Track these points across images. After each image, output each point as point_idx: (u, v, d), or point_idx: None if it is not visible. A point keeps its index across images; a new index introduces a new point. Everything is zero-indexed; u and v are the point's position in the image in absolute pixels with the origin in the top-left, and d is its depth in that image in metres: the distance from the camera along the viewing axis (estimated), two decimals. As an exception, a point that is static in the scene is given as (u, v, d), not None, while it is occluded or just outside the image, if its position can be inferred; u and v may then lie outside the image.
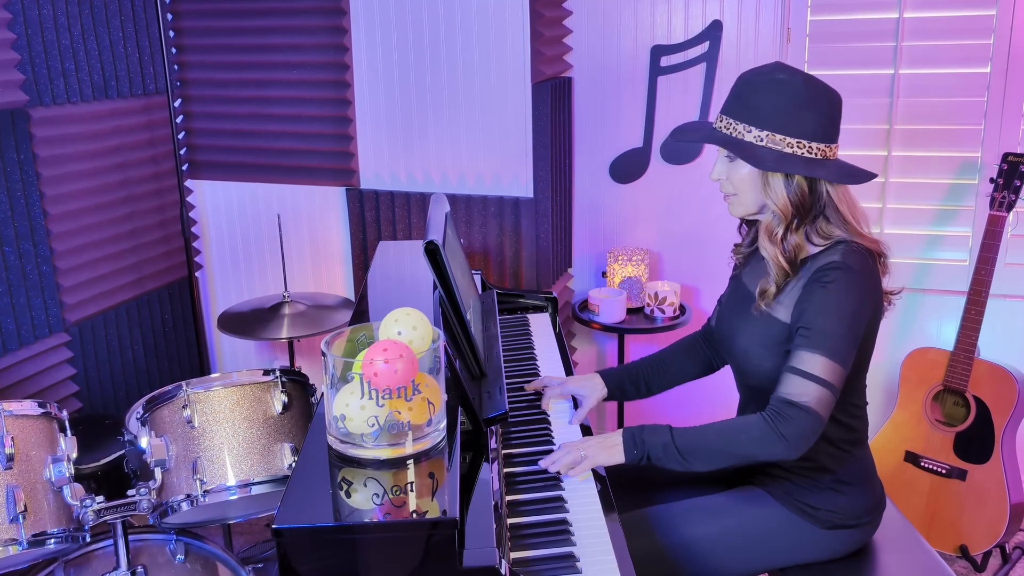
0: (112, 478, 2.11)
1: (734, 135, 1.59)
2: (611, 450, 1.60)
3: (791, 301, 1.60)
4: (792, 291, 1.61)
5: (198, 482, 1.82)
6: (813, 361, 1.52)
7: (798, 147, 1.55)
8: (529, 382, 2.02)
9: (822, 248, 1.61)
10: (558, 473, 1.62)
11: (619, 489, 1.71)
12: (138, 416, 1.92)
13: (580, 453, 1.60)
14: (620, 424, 3.06)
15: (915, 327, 2.92)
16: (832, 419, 1.62)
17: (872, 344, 1.65)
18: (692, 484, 1.89)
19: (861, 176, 1.59)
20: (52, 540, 1.71)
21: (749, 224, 1.78)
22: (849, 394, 1.66)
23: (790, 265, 1.60)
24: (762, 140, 1.56)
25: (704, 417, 3.08)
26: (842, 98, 1.61)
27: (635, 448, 1.60)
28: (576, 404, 1.94)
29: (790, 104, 1.55)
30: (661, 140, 3.00)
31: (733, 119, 1.59)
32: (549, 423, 1.85)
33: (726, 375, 1.89)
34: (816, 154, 1.56)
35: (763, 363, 1.65)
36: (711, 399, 3.05)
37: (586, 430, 1.85)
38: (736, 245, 1.84)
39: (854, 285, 1.54)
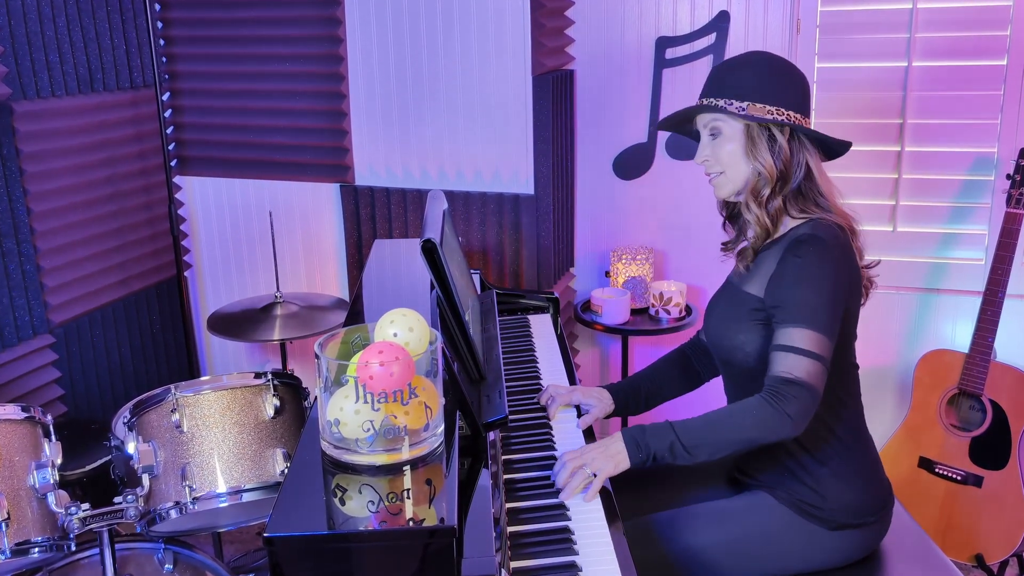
0: (98, 485, 2.11)
1: (715, 107, 1.69)
2: (616, 458, 1.62)
3: (764, 275, 1.67)
4: (765, 264, 1.69)
5: (187, 489, 1.82)
6: (799, 336, 1.58)
7: (778, 114, 1.66)
8: (530, 386, 2.02)
9: (796, 223, 1.70)
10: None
11: (622, 496, 1.71)
12: (125, 420, 1.92)
13: (587, 471, 1.60)
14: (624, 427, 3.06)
15: (929, 328, 2.92)
16: (826, 407, 1.67)
17: (855, 320, 1.72)
18: (696, 489, 1.90)
19: (838, 141, 1.73)
20: (36, 549, 1.71)
21: (732, 220, 1.86)
22: (839, 380, 1.68)
23: (772, 224, 1.69)
24: (744, 110, 1.66)
25: (699, 396, 3.09)
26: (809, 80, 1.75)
27: (640, 452, 1.62)
28: (579, 412, 1.94)
29: (765, 76, 1.67)
30: (667, 135, 3.00)
31: (713, 98, 1.70)
32: (551, 428, 1.85)
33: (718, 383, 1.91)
34: (796, 121, 1.67)
35: (735, 339, 1.71)
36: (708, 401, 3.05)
37: (587, 433, 1.86)
38: (724, 243, 1.89)
39: (826, 255, 1.61)
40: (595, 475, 1.60)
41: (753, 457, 1.77)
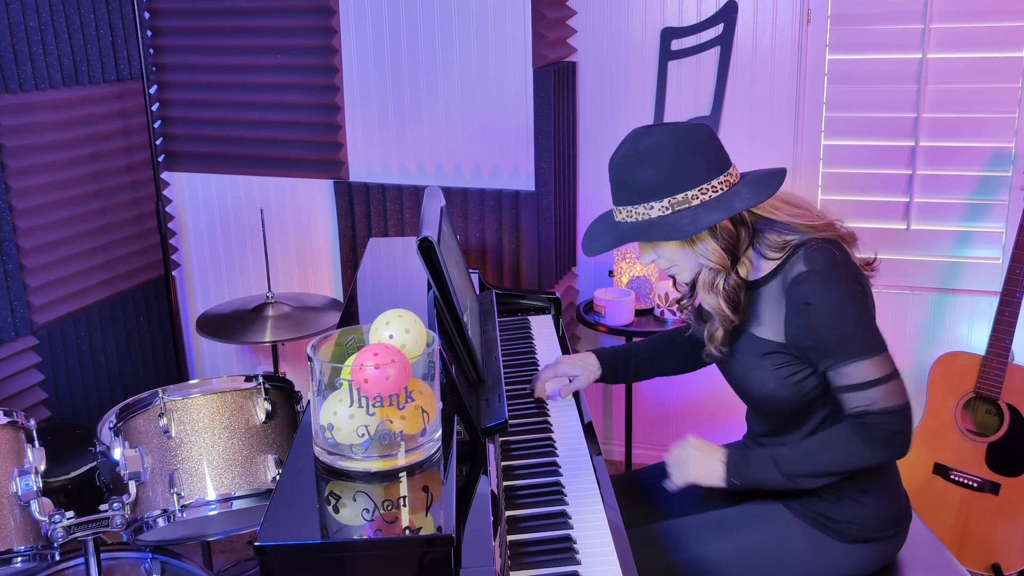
0: (83, 492, 2.11)
1: (641, 219, 1.61)
2: (710, 472, 1.68)
3: (773, 316, 1.63)
4: (768, 303, 1.64)
5: (175, 496, 1.82)
6: (858, 370, 1.56)
7: (702, 194, 1.58)
8: (531, 390, 2.03)
9: (783, 257, 1.63)
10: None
11: (626, 503, 1.71)
12: (111, 425, 1.91)
13: (677, 482, 1.69)
14: (628, 410, 3.04)
15: (944, 330, 2.92)
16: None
17: None
18: (704, 497, 1.89)
19: (774, 182, 1.62)
20: (19, 559, 1.71)
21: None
22: None
23: (734, 309, 1.64)
24: (668, 209, 1.58)
25: (705, 401, 3.10)
26: (710, 127, 1.66)
27: (736, 479, 1.66)
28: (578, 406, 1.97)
29: (670, 163, 1.57)
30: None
31: (630, 206, 1.62)
32: (552, 433, 1.85)
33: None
34: (722, 188, 1.59)
35: (763, 387, 1.68)
36: (713, 386, 3.06)
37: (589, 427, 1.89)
38: (678, 300, 1.87)
39: (833, 283, 1.57)
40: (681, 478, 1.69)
41: None
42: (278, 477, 1.86)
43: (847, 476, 1.65)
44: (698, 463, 1.68)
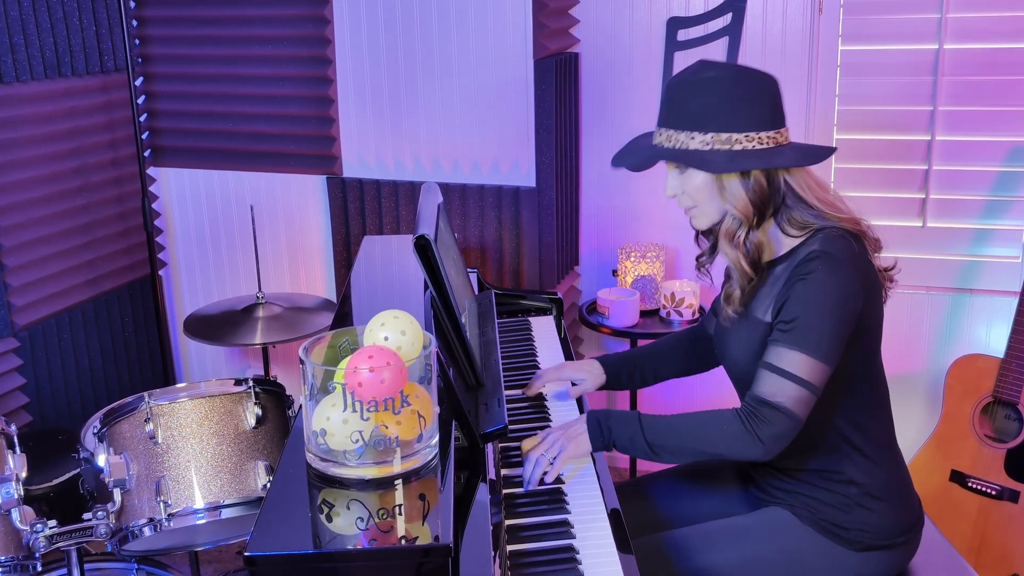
0: (66, 500, 2.10)
1: (678, 146, 1.62)
2: (576, 440, 1.67)
3: (772, 299, 1.65)
4: (773, 289, 1.66)
5: (162, 504, 1.82)
6: (791, 358, 1.57)
7: (747, 141, 1.59)
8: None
9: (801, 239, 1.65)
10: (559, 480, 1.67)
11: (631, 511, 1.72)
12: (95, 431, 1.92)
13: (548, 457, 1.66)
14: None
15: (961, 331, 2.92)
16: (851, 424, 1.67)
17: (879, 331, 1.70)
18: (710, 504, 1.90)
19: (820, 153, 1.64)
20: (-1, 569, 1.71)
21: (706, 232, 1.82)
22: (865, 392, 1.68)
23: (753, 267, 1.65)
24: (708, 144, 1.60)
25: (712, 401, 3.09)
26: (778, 81, 1.65)
27: (601, 436, 1.67)
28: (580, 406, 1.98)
29: (726, 99, 1.59)
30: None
31: (672, 130, 1.64)
32: (553, 438, 1.86)
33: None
34: (768, 143, 1.60)
35: (755, 370, 1.67)
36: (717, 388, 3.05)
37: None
38: (698, 257, 1.88)
39: (837, 272, 1.58)
40: (556, 456, 1.65)
41: (770, 473, 1.77)
42: (269, 485, 1.86)
43: (707, 461, 1.67)
44: (563, 433, 1.68)
